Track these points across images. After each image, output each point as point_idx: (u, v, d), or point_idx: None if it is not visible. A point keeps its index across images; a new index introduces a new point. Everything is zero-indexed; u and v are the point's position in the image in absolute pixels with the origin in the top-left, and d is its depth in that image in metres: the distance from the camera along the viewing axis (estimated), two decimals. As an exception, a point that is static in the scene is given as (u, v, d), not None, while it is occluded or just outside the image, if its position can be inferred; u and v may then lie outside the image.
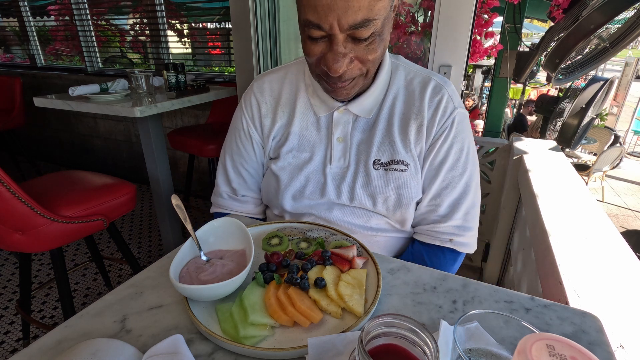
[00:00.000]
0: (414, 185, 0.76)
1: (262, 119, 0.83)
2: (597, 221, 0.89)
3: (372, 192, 0.77)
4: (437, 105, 0.74)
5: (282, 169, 0.81)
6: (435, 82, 0.76)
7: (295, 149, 0.81)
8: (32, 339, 1.66)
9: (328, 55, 0.61)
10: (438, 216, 0.78)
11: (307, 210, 0.81)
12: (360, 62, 0.64)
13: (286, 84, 0.82)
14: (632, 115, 7.80)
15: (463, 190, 0.77)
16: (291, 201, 0.81)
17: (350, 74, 0.65)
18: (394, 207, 0.77)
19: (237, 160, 0.87)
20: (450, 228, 0.78)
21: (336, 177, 0.79)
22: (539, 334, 0.30)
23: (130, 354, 0.43)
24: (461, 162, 0.76)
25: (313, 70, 0.70)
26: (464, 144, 0.76)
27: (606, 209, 4.39)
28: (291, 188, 0.80)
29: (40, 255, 2.33)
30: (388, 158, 0.76)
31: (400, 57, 0.82)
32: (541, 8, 2.93)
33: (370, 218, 0.79)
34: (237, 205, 0.90)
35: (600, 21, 1.37)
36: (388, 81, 0.78)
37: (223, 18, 2.80)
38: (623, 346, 0.51)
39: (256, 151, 0.85)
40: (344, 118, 0.78)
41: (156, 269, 0.61)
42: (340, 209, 0.80)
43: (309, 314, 0.49)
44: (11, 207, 1.10)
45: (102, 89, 1.91)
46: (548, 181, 1.14)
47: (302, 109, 0.80)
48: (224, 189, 0.89)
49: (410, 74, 0.79)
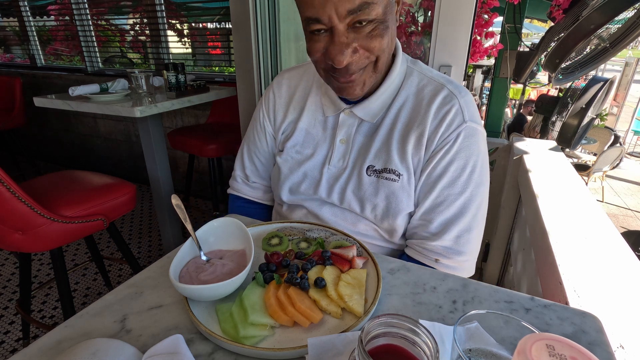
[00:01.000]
0: (404, 197, 0.73)
1: (276, 113, 0.87)
2: (597, 221, 0.89)
3: (362, 197, 0.76)
4: (444, 116, 0.70)
5: (285, 161, 0.84)
6: (448, 91, 0.72)
7: (299, 144, 0.83)
8: (32, 339, 1.66)
9: (330, 48, 0.61)
10: (428, 233, 0.74)
11: (301, 202, 0.84)
12: (366, 50, 0.62)
13: (303, 81, 0.85)
14: (632, 115, 7.81)
15: (458, 211, 0.72)
16: (288, 193, 0.85)
17: (356, 65, 0.63)
18: (381, 216, 0.75)
19: (252, 149, 0.93)
20: (438, 248, 0.73)
21: (332, 177, 0.79)
22: (539, 334, 0.30)
23: (130, 354, 0.43)
24: (461, 180, 0.71)
25: (320, 70, 0.69)
26: (468, 161, 0.70)
27: (606, 209, 4.39)
28: (289, 181, 0.83)
29: (40, 255, 2.33)
30: (382, 166, 0.74)
31: (418, 62, 0.78)
32: (541, 8, 2.93)
33: (358, 222, 0.78)
34: (249, 190, 0.96)
35: (600, 21, 1.37)
36: (399, 86, 0.75)
37: (223, 18, 2.80)
38: (623, 346, 0.51)
39: (268, 142, 0.90)
40: (349, 120, 0.78)
41: (156, 269, 0.61)
42: (330, 208, 0.81)
43: (309, 314, 0.48)
44: (11, 207, 1.10)
45: (102, 89, 1.91)
46: (548, 181, 1.14)
47: (312, 106, 0.83)
48: (239, 173, 0.96)
49: (424, 80, 0.75)
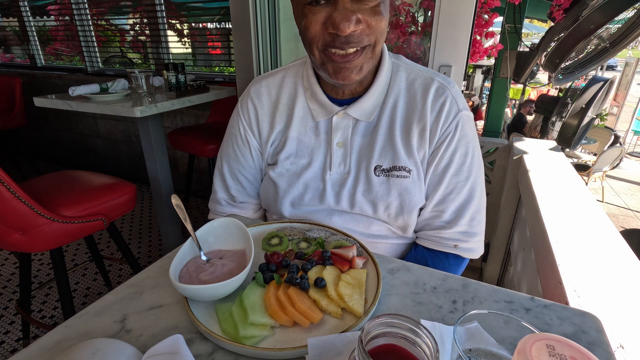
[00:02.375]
0: (416, 192, 0.74)
1: (260, 125, 0.81)
2: (597, 221, 0.89)
3: (373, 198, 0.75)
4: (441, 108, 0.72)
5: (281, 175, 0.79)
6: (439, 83, 0.74)
7: (294, 155, 0.79)
8: (32, 339, 1.66)
9: (334, 14, 0.59)
10: (443, 222, 0.76)
11: (307, 216, 0.80)
12: (367, 26, 0.61)
13: (284, 88, 0.80)
14: (632, 115, 7.80)
15: (468, 195, 0.75)
16: (290, 208, 0.80)
17: (358, 38, 0.61)
18: (395, 214, 0.75)
19: (234, 166, 0.85)
20: (455, 234, 0.76)
21: (336, 183, 0.77)
22: (539, 334, 0.30)
23: (130, 354, 0.43)
24: (466, 166, 0.74)
25: (316, 51, 0.65)
26: (468, 147, 0.74)
27: (606, 209, 4.39)
28: (290, 195, 0.79)
29: (40, 255, 2.33)
30: (390, 164, 0.74)
31: (401, 57, 0.79)
32: (541, 8, 2.93)
33: (371, 225, 0.78)
34: (237, 211, 0.88)
35: (600, 21, 1.37)
36: (388, 82, 0.76)
37: (223, 18, 2.80)
38: (623, 346, 0.51)
39: (254, 157, 0.83)
40: (343, 122, 0.76)
41: (156, 269, 0.61)
42: (340, 215, 0.78)
43: (309, 314, 0.48)
44: (11, 207, 1.10)
45: (102, 89, 1.91)
46: (548, 181, 1.14)
47: (300, 113, 0.78)
48: (221, 195, 0.88)
49: (412, 74, 0.76)
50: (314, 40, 0.64)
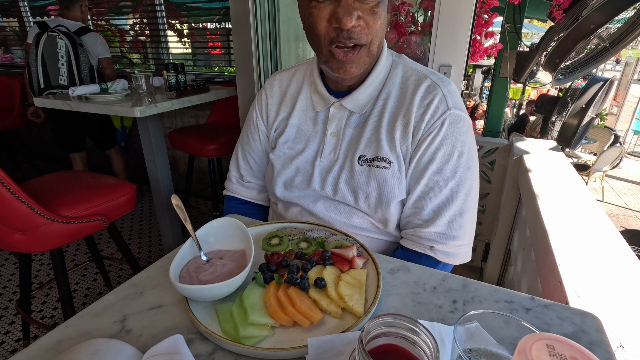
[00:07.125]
0: (395, 184, 0.75)
1: (269, 112, 0.90)
2: (597, 221, 0.88)
3: (354, 187, 0.78)
4: (428, 104, 0.73)
5: (278, 158, 0.86)
6: (431, 81, 0.75)
7: (291, 140, 0.86)
8: (32, 339, 1.66)
9: (338, 10, 0.63)
10: (421, 220, 0.76)
11: (295, 200, 0.85)
12: (366, 24, 0.65)
13: (294, 81, 0.88)
14: (632, 115, 7.80)
15: (449, 196, 0.74)
16: (282, 189, 0.86)
17: (358, 34, 0.65)
18: (375, 205, 0.77)
19: (246, 148, 0.95)
20: (432, 234, 0.74)
21: (324, 169, 0.81)
22: (539, 334, 0.30)
23: (130, 354, 0.43)
24: (449, 165, 0.73)
25: (323, 48, 0.69)
26: (454, 147, 0.73)
27: (606, 209, 4.39)
28: (282, 176, 0.85)
29: (40, 255, 2.33)
30: (373, 154, 0.77)
31: (403, 56, 0.82)
32: (541, 8, 2.93)
33: (353, 215, 0.80)
34: (243, 190, 0.97)
35: (600, 21, 1.37)
36: (385, 78, 0.79)
37: (223, 18, 2.80)
38: (623, 346, 0.51)
39: (262, 141, 0.92)
40: (339, 114, 0.80)
41: (156, 269, 0.61)
42: (324, 203, 0.82)
43: (309, 314, 0.48)
44: (11, 207, 1.10)
45: (102, 89, 1.91)
46: (548, 181, 1.14)
47: (303, 103, 0.85)
48: (233, 173, 0.98)
49: (408, 72, 0.79)
50: (321, 37, 0.68)
